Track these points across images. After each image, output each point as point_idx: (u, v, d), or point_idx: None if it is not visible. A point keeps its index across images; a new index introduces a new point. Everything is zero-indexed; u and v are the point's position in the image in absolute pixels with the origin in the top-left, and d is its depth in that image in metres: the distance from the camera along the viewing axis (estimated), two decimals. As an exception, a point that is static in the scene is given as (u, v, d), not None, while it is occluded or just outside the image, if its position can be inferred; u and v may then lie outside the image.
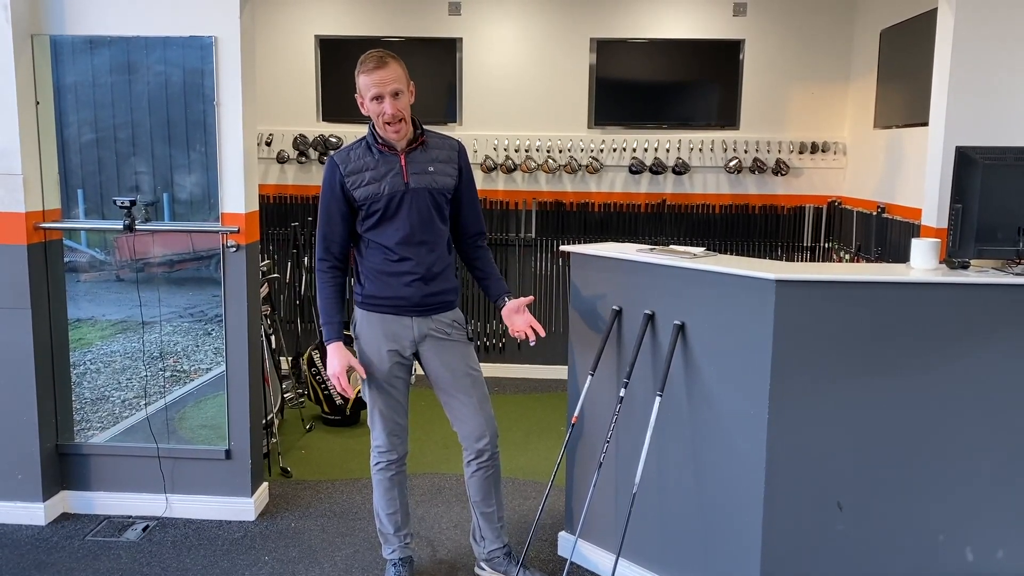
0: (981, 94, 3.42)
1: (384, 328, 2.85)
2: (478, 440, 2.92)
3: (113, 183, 3.53)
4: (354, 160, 2.78)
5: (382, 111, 2.69)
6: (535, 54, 5.66)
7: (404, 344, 2.86)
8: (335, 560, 3.27)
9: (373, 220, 2.78)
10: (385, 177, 2.76)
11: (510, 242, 5.73)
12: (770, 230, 5.67)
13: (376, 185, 2.75)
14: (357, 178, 2.76)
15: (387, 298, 2.82)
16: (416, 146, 2.81)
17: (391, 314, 2.84)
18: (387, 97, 2.67)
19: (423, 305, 2.84)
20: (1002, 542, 2.68)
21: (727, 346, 2.67)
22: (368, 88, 2.68)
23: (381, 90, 2.67)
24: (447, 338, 2.89)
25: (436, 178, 2.81)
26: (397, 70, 2.69)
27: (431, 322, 2.86)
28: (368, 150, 2.79)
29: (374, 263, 2.83)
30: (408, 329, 2.85)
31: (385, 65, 2.67)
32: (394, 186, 2.76)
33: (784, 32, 5.57)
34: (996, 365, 2.60)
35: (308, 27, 5.69)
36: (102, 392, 5.11)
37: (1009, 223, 2.63)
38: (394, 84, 2.68)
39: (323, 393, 4.80)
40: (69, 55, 3.42)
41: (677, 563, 2.92)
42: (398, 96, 2.69)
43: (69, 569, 3.17)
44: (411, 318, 2.84)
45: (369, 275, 2.84)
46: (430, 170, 2.81)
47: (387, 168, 2.77)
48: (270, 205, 5.71)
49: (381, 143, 2.78)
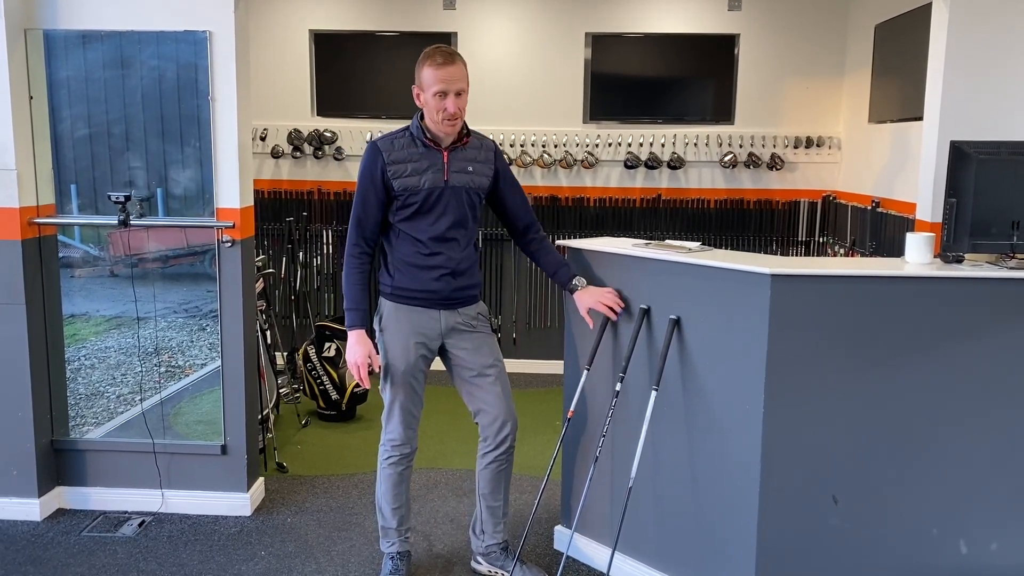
0: (975, 89, 3.43)
1: (412, 321, 2.85)
2: (501, 430, 2.93)
3: (107, 178, 3.52)
4: (398, 149, 2.78)
5: (443, 107, 2.70)
6: (530, 49, 5.66)
7: (431, 336, 2.87)
8: (331, 555, 3.27)
9: (408, 212, 2.79)
10: (427, 171, 2.77)
11: (506, 237, 5.72)
12: (765, 225, 5.68)
13: (417, 178, 2.76)
14: (399, 168, 2.76)
15: (417, 291, 2.83)
16: (459, 144, 2.82)
17: (420, 307, 2.85)
18: (451, 95, 2.69)
19: (451, 299, 2.86)
20: (996, 535, 2.69)
21: (723, 340, 2.67)
22: (433, 83, 2.68)
23: (448, 87, 2.68)
24: (473, 330, 2.91)
25: (474, 178, 2.84)
26: (463, 69, 2.73)
27: (457, 315, 2.89)
28: (412, 142, 2.80)
29: (405, 255, 2.83)
30: (436, 322, 2.86)
31: (454, 62, 2.70)
32: (434, 182, 2.77)
33: (779, 27, 5.57)
34: (990, 359, 2.60)
35: (302, 21, 5.67)
36: (97, 388, 5.10)
37: (1003, 217, 2.64)
38: (460, 82, 2.70)
39: (318, 388, 4.80)
40: (62, 50, 3.40)
41: (673, 557, 2.93)
42: (460, 95, 2.71)
43: (65, 565, 3.17)
44: (439, 311, 2.86)
45: (399, 267, 2.85)
46: (469, 170, 2.83)
47: (429, 163, 2.77)
48: (265, 200, 5.70)
49: (429, 137, 2.79)
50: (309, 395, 4.87)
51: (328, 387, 4.78)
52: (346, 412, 4.82)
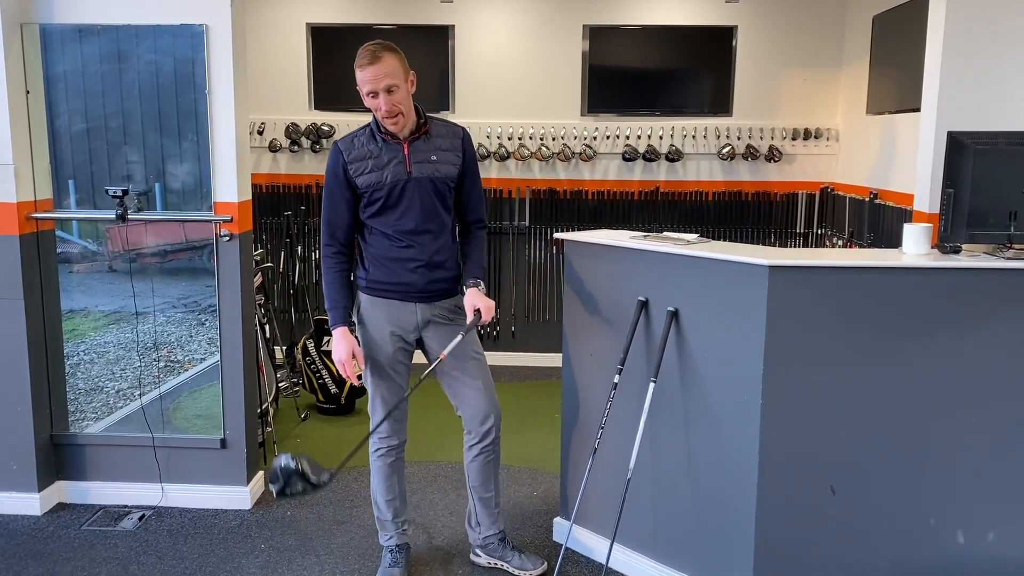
0: (973, 79, 3.43)
1: (388, 313, 2.85)
2: (483, 423, 2.93)
3: (105, 173, 3.52)
4: (357, 147, 2.78)
5: (377, 107, 2.68)
6: (528, 41, 5.65)
7: (408, 329, 2.87)
8: (331, 548, 3.28)
9: (375, 208, 2.78)
10: (388, 166, 2.76)
11: (504, 230, 5.73)
12: (763, 216, 5.68)
13: (378, 173, 2.75)
14: (360, 165, 2.76)
15: (392, 284, 2.83)
16: (420, 135, 2.80)
17: (396, 299, 2.85)
18: (381, 93, 2.65)
19: (426, 291, 2.85)
20: (993, 525, 2.70)
21: (721, 332, 2.68)
22: (363, 84, 2.67)
23: (374, 86, 2.65)
24: (450, 323, 2.90)
25: (439, 167, 2.81)
26: (391, 63, 2.65)
27: (434, 308, 2.88)
28: (372, 138, 2.79)
29: (378, 249, 2.83)
30: (412, 315, 2.86)
31: (378, 60, 2.63)
32: (396, 175, 2.76)
33: (777, 18, 5.56)
34: (988, 349, 2.61)
35: (299, 15, 5.66)
36: (96, 383, 5.10)
37: (1000, 208, 2.64)
38: (387, 79, 2.64)
39: (317, 382, 4.81)
40: (59, 44, 3.40)
41: (671, 548, 2.94)
42: (392, 91, 2.65)
43: (65, 559, 3.17)
44: (415, 304, 2.85)
45: (373, 261, 2.85)
46: (433, 159, 2.80)
47: (390, 157, 2.76)
48: (263, 194, 5.69)
49: (384, 132, 2.77)
50: (308, 389, 4.87)
51: (327, 381, 4.78)
52: (345, 406, 4.83)
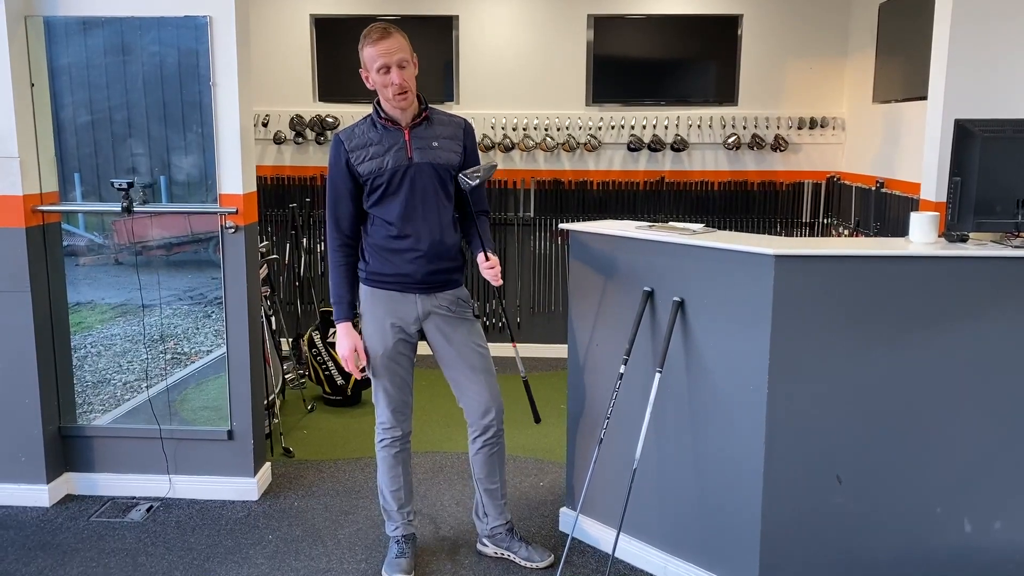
0: (980, 67, 3.40)
1: (388, 305, 2.85)
2: (484, 416, 2.93)
3: (110, 165, 3.52)
4: (358, 136, 2.78)
5: (389, 82, 2.68)
6: (532, 31, 5.63)
7: (408, 321, 2.87)
8: (338, 538, 3.29)
9: (377, 195, 2.78)
10: (389, 152, 2.75)
11: (509, 221, 5.72)
12: (769, 206, 5.66)
13: (380, 160, 2.75)
14: (361, 153, 2.76)
15: (390, 275, 2.83)
16: (420, 121, 2.80)
17: (396, 291, 2.84)
18: (394, 67, 2.66)
19: (426, 283, 2.83)
20: (999, 513, 2.70)
21: (727, 322, 2.67)
22: (374, 59, 2.67)
23: (388, 60, 2.65)
24: (452, 315, 2.89)
25: (440, 154, 2.80)
26: (401, 41, 2.69)
27: (435, 299, 2.86)
28: (372, 126, 2.79)
29: (377, 239, 2.83)
30: (412, 306, 2.85)
31: (390, 35, 2.67)
32: (397, 161, 2.75)
33: (782, 6, 5.53)
34: (994, 338, 2.60)
35: (303, 6, 5.64)
36: (103, 375, 5.12)
37: (1008, 196, 2.62)
38: (400, 53, 2.67)
39: (324, 374, 4.82)
40: (63, 36, 3.40)
41: (677, 538, 2.94)
42: (404, 66, 2.68)
43: (74, 550, 3.19)
44: (415, 295, 2.84)
45: (373, 252, 2.84)
46: (434, 145, 2.80)
47: (391, 143, 2.76)
48: (268, 186, 5.69)
49: (385, 118, 2.77)
50: (314, 380, 4.89)
51: (333, 372, 4.79)
52: (351, 397, 4.84)
